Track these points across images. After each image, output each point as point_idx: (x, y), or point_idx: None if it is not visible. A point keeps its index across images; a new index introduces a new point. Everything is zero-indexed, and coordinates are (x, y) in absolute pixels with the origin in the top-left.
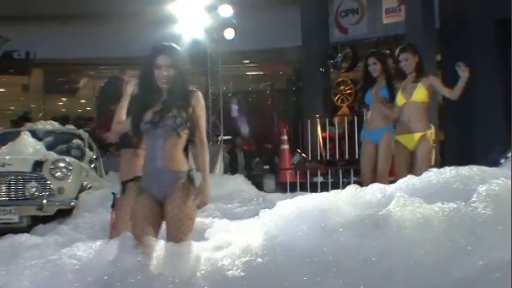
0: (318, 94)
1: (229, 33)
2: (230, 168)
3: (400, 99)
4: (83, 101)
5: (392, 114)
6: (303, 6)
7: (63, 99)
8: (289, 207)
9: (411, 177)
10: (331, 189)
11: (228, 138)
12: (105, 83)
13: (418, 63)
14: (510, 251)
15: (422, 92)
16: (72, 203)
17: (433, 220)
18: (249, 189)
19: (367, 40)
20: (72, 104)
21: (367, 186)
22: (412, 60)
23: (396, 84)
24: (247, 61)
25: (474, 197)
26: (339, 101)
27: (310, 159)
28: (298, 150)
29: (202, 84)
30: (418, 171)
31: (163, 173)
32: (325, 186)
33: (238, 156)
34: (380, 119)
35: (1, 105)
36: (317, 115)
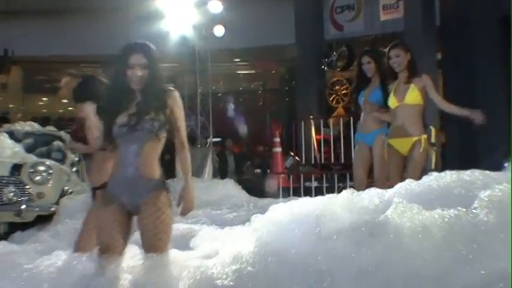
0: (312, 94)
1: (219, 30)
2: (220, 172)
3: (392, 102)
4: (64, 100)
5: (386, 119)
6: (297, 1)
7: (44, 98)
8: (282, 212)
9: (410, 182)
10: (326, 194)
11: (217, 140)
12: (78, 83)
13: (410, 61)
14: (510, 259)
15: (415, 93)
16: (52, 209)
17: (432, 227)
18: (239, 194)
19: (363, 38)
20: (53, 104)
21: (359, 190)
22: (403, 57)
23: (390, 84)
24: (238, 59)
25: (476, 203)
26: (334, 102)
27: (304, 162)
28: (292, 153)
29: (190, 83)
30: (410, 175)
31: (136, 181)
32: (319, 191)
33: (228, 159)
34: (373, 122)
35: None
36: (311, 116)
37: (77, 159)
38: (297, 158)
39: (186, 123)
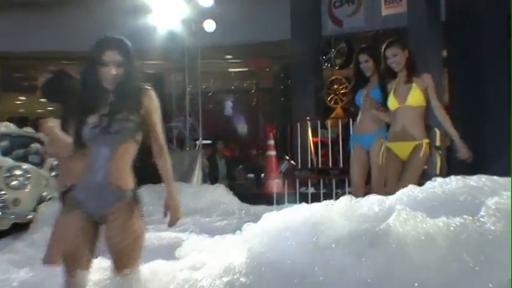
0: (308, 94)
1: (210, 25)
2: (209, 176)
3: (392, 103)
4: (43, 100)
5: (385, 119)
6: None
7: (21, 98)
8: (276, 220)
9: (413, 188)
10: (324, 201)
11: (207, 142)
12: (47, 79)
13: (408, 59)
14: (510, 267)
15: (417, 94)
16: (29, 217)
17: (437, 237)
18: (230, 200)
19: (364, 34)
20: (31, 103)
21: (357, 197)
22: (401, 55)
23: (388, 83)
24: (230, 56)
25: (483, 211)
26: (332, 102)
27: (299, 167)
28: (287, 157)
29: (179, 82)
30: (405, 183)
31: (105, 188)
32: (316, 198)
33: (218, 163)
34: (371, 122)
35: None
36: (308, 117)
37: (56, 163)
38: (292, 162)
39: (175, 124)
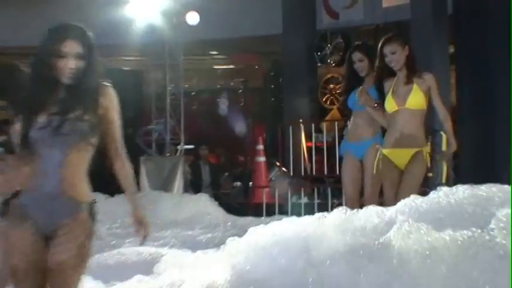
0: (301, 94)
1: (193, 18)
2: (192, 185)
3: (390, 105)
4: None
5: (380, 121)
6: None
7: None
8: (263, 234)
9: (415, 198)
10: (318, 212)
11: (190, 147)
12: None
13: (408, 57)
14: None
15: (418, 96)
16: None
17: (443, 251)
18: (215, 211)
19: (363, 28)
20: None
21: (352, 210)
22: (400, 53)
23: (386, 83)
24: (215, 52)
25: (493, 223)
26: (327, 103)
27: (291, 174)
28: (277, 164)
29: (159, 80)
30: (403, 196)
31: (58, 198)
32: (310, 209)
33: (202, 171)
34: (365, 129)
35: None
36: (300, 120)
37: None
38: (283, 169)
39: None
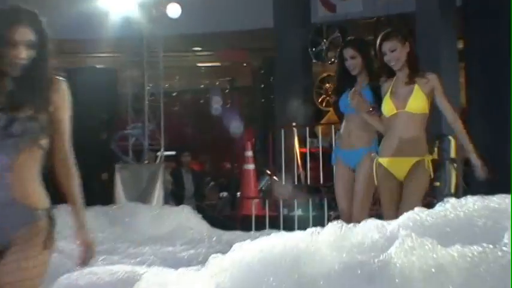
0: (295, 94)
1: (174, 10)
2: (173, 196)
3: (388, 108)
4: None
5: (377, 126)
6: None
7: None
8: (250, 251)
9: (420, 211)
10: (313, 226)
11: (171, 154)
12: None
13: (409, 54)
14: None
15: (420, 98)
16: None
17: (450, 269)
18: (198, 225)
19: (362, 21)
20: None
21: (348, 223)
22: (401, 50)
23: (383, 83)
24: (199, 48)
25: (506, 237)
26: (323, 104)
27: (283, 183)
28: (268, 172)
29: (136, 79)
30: (405, 210)
31: (8, 208)
32: (304, 222)
33: (184, 180)
34: (361, 134)
35: None
36: (294, 123)
37: None
38: (274, 177)
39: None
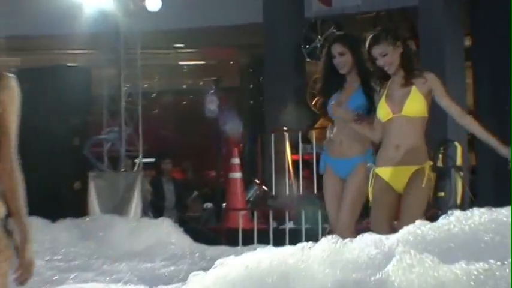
0: (286, 95)
1: (153, 3)
2: (153, 207)
3: (384, 112)
4: None
5: (374, 136)
6: None
7: None
8: (235, 266)
9: (422, 224)
10: (306, 241)
11: (150, 161)
12: None
13: (403, 55)
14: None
15: (418, 101)
16: None
17: None
18: (180, 239)
19: (360, 16)
20: None
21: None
22: (392, 53)
23: (379, 85)
24: (181, 45)
25: None
26: (317, 107)
27: (273, 194)
28: (256, 181)
29: (112, 78)
30: (406, 223)
31: None
32: (296, 236)
33: (165, 189)
34: (352, 143)
35: None
36: (285, 127)
37: None
38: (264, 187)
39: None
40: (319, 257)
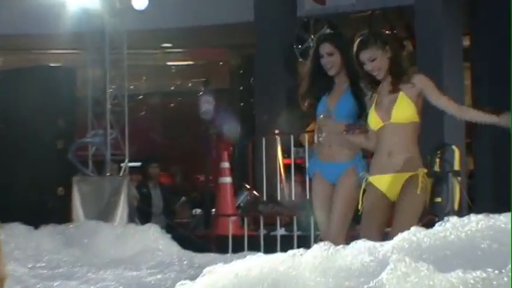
0: (278, 97)
1: (140, 2)
2: (139, 213)
3: (374, 121)
4: None
5: (369, 145)
6: None
7: None
8: (224, 275)
9: (417, 231)
10: (298, 247)
11: (136, 165)
12: None
13: (392, 59)
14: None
15: (406, 106)
16: None
17: None
18: (167, 246)
19: (355, 15)
20: None
21: (337, 245)
22: (381, 58)
23: (370, 89)
24: (169, 45)
25: None
26: (305, 107)
27: (264, 199)
28: (247, 186)
29: (97, 79)
30: (398, 231)
31: None
32: (288, 243)
33: (152, 195)
34: (341, 148)
35: None
36: (276, 131)
37: None
38: (254, 192)
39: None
40: (311, 264)
